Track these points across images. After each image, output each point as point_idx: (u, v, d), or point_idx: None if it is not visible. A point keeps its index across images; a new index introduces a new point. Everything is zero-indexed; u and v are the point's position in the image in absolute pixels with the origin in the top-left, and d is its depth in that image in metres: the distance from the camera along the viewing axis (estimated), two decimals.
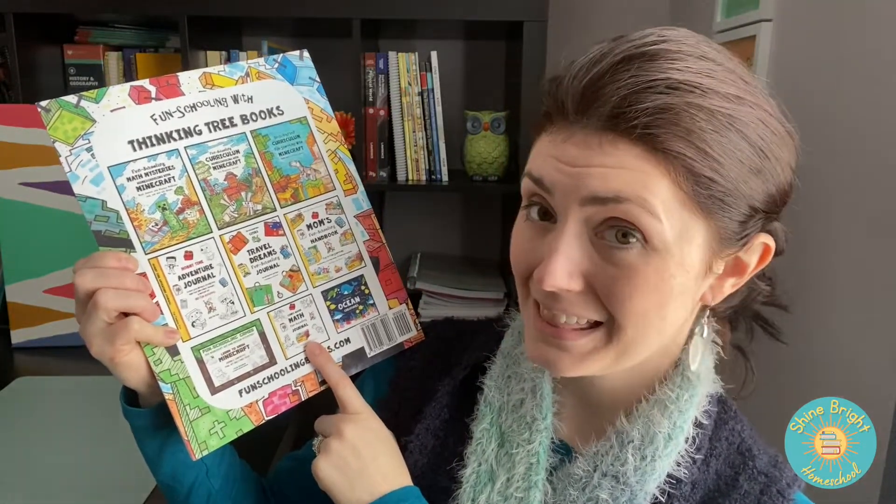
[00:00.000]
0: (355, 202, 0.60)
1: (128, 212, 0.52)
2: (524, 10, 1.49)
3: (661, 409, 0.52)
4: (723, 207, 0.45)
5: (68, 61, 1.66)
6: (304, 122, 0.59)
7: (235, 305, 0.55)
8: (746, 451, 0.54)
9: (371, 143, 1.62)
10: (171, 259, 0.53)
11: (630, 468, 0.51)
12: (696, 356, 0.53)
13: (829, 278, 1.08)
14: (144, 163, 0.52)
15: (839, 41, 1.07)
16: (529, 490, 0.52)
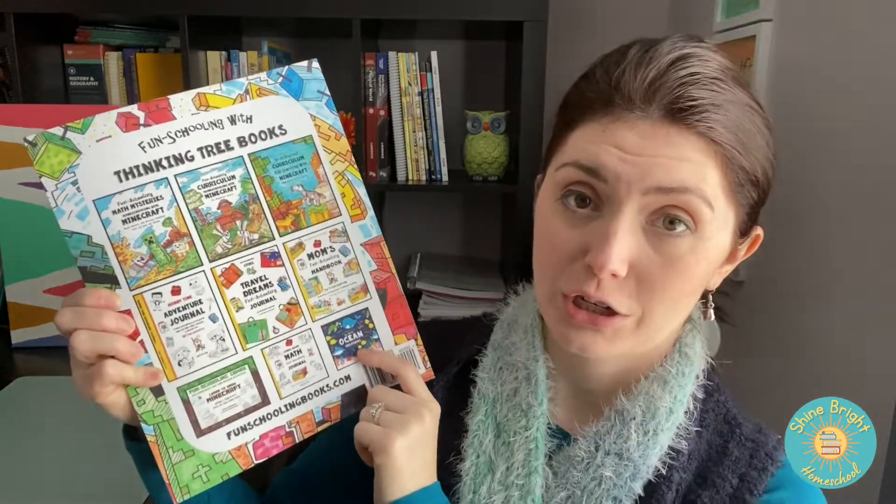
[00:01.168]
0: (363, 228, 0.55)
1: (113, 246, 0.49)
2: (524, 10, 1.49)
3: (661, 384, 0.54)
4: (746, 196, 0.50)
5: (68, 61, 1.65)
6: (310, 141, 0.54)
7: (226, 342, 0.52)
8: (732, 420, 0.56)
9: (371, 143, 1.62)
10: (156, 295, 0.50)
11: (633, 443, 0.52)
12: (694, 334, 0.57)
13: (828, 278, 1.08)
14: (131, 194, 0.50)
15: (839, 41, 1.07)
16: (530, 476, 0.53)
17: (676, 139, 0.46)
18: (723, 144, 0.47)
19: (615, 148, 0.47)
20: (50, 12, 1.52)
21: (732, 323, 0.62)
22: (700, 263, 0.48)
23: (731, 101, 0.47)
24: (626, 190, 0.47)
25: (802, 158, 1.16)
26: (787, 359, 1.20)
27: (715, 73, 0.47)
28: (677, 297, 0.49)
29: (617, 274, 0.47)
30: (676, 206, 0.47)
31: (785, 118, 1.22)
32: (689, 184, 0.46)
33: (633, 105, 0.47)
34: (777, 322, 1.23)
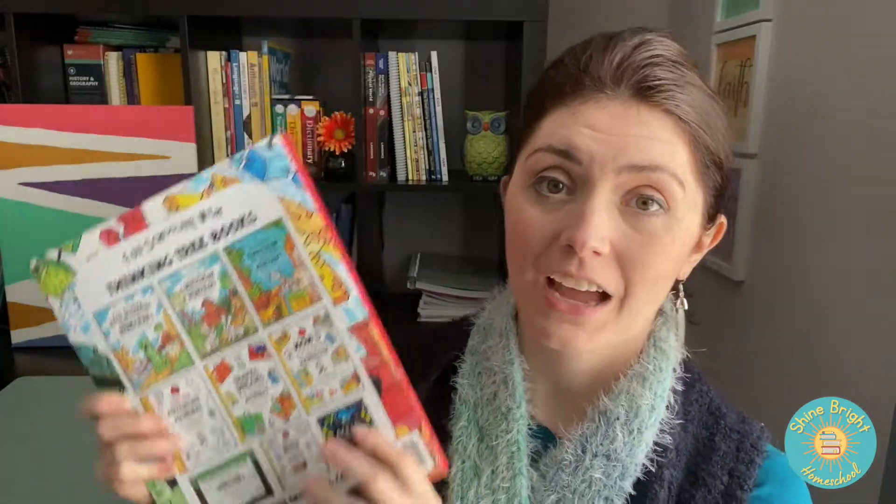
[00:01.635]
0: (347, 312, 0.52)
1: (115, 354, 0.52)
2: (524, 10, 1.49)
3: (640, 381, 0.54)
4: (712, 178, 0.51)
5: (68, 61, 1.65)
6: (280, 224, 0.51)
7: (226, 436, 0.53)
8: (717, 411, 0.56)
9: (371, 143, 1.62)
10: (158, 395, 0.52)
11: (619, 444, 0.53)
12: (668, 328, 0.57)
13: (828, 278, 1.08)
14: (123, 304, 0.52)
15: (839, 41, 1.07)
16: (515, 479, 0.53)
17: (646, 118, 0.48)
18: (689, 123, 0.48)
19: (587, 128, 0.48)
20: (50, 12, 1.52)
21: (696, 322, 0.63)
22: (675, 243, 0.50)
23: (692, 83, 0.49)
24: (600, 170, 0.48)
25: (802, 158, 1.16)
26: (787, 359, 1.20)
27: (675, 57, 0.50)
28: (656, 278, 0.50)
29: (599, 251, 0.47)
30: (649, 186, 0.48)
31: (785, 118, 1.22)
32: (660, 162, 0.47)
33: (603, 86, 0.49)
34: (777, 322, 1.23)
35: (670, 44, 0.50)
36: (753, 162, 1.29)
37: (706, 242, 0.56)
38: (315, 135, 1.65)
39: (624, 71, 0.48)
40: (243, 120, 1.63)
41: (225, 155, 1.64)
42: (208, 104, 1.62)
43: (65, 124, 1.37)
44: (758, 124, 1.28)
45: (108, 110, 1.54)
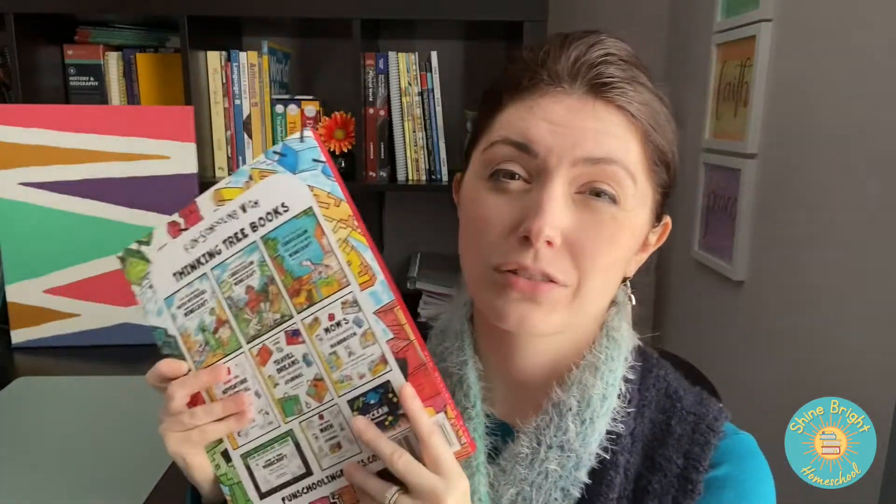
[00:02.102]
0: (373, 296, 0.53)
1: (181, 336, 0.58)
2: (524, 10, 1.49)
3: (592, 372, 0.55)
4: (660, 176, 0.53)
5: (68, 61, 1.65)
6: (311, 213, 0.54)
7: (270, 416, 0.56)
8: (674, 394, 0.57)
9: (371, 143, 1.62)
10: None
11: (572, 435, 0.53)
12: (620, 318, 0.58)
13: (828, 278, 1.08)
14: (185, 290, 0.57)
15: (839, 41, 1.07)
16: (473, 477, 0.54)
17: (602, 113, 0.50)
18: (641, 120, 0.50)
19: (544, 121, 0.50)
20: (50, 12, 1.52)
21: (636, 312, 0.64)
22: (625, 234, 0.51)
23: (642, 83, 0.51)
24: (557, 161, 0.49)
25: (802, 158, 1.16)
26: (787, 359, 1.20)
27: (627, 56, 0.51)
28: (608, 268, 0.51)
29: (552, 242, 0.49)
30: (603, 178, 0.49)
31: (785, 118, 1.22)
32: (615, 155, 0.49)
33: (559, 80, 0.50)
34: (777, 322, 1.23)
35: (622, 44, 0.52)
36: (753, 162, 1.29)
37: (651, 241, 0.57)
38: None
39: (580, 67, 0.50)
40: (243, 120, 1.63)
41: (225, 155, 1.64)
42: (208, 104, 1.62)
43: (65, 124, 1.37)
44: (758, 124, 1.28)
45: (108, 110, 1.54)
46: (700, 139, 1.52)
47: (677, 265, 1.73)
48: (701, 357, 0.62)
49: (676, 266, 1.74)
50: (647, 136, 0.51)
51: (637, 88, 0.50)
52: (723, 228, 1.41)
